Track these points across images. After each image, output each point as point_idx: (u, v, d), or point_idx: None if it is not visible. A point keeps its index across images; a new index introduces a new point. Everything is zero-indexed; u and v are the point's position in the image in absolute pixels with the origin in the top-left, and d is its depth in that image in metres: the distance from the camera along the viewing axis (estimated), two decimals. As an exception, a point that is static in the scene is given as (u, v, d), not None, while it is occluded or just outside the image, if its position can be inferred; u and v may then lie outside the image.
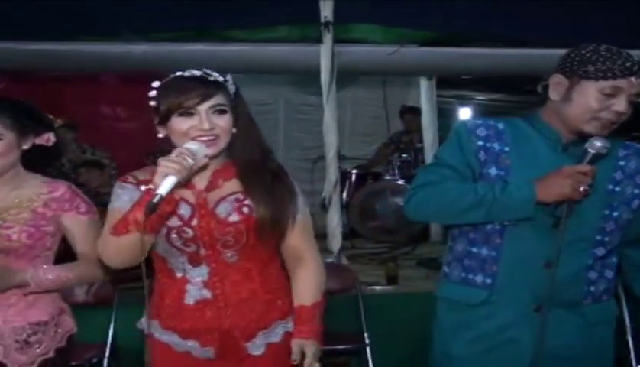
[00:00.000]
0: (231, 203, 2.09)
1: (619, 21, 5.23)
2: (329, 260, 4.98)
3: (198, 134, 2.00)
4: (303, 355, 2.14)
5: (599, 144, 2.02)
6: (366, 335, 4.07)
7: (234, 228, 2.06)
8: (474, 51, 5.89)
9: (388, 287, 4.87)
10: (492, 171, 2.13)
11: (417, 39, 5.83)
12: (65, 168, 6.48)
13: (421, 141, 7.02)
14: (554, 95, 2.10)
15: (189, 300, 2.10)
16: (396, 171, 7.05)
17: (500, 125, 2.16)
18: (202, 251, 2.07)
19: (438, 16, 5.54)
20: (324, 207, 5.44)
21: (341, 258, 5.35)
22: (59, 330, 2.47)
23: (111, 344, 3.94)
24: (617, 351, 2.32)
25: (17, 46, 5.26)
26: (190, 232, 2.05)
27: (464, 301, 2.22)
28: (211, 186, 2.11)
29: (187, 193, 2.07)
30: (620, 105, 2.02)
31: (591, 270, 2.15)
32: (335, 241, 5.32)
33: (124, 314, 3.99)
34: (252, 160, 2.13)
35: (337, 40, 5.27)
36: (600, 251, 2.15)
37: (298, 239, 2.19)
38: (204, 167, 2.03)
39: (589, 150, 2.03)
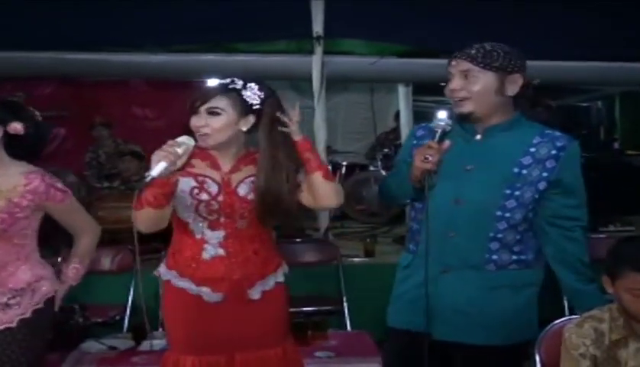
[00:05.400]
0: (248, 185, 2.24)
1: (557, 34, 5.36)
2: (316, 236, 5.09)
3: (195, 130, 2.18)
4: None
5: (441, 123, 2.12)
6: (344, 298, 4.17)
7: (251, 205, 2.23)
8: (441, 62, 5.81)
9: (365, 259, 4.95)
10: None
11: (394, 51, 5.86)
12: (101, 159, 6.56)
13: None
14: None
15: (206, 255, 2.24)
16: (379, 163, 7.16)
17: None
18: (222, 219, 2.23)
19: (412, 33, 5.61)
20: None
21: (328, 235, 5.41)
22: (36, 294, 2.44)
23: (131, 304, 4.06)
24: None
25: (58, 55, 5.35)
26: (216, 205, 2.21)
27: (400, 264, 2.37)
28: (234, 170, 2.26)
29: (214, 174, 2.24)
30: (449, 83, 2.18)
31: (493, 241, 2.17)
32: (323, 221, 5.39)
33: (143, 279, 4.11)
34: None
35: (326, 52, 5.34)
36: (502, 225, 2.16)
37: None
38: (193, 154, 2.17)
39: (435, 129, 2.13)
